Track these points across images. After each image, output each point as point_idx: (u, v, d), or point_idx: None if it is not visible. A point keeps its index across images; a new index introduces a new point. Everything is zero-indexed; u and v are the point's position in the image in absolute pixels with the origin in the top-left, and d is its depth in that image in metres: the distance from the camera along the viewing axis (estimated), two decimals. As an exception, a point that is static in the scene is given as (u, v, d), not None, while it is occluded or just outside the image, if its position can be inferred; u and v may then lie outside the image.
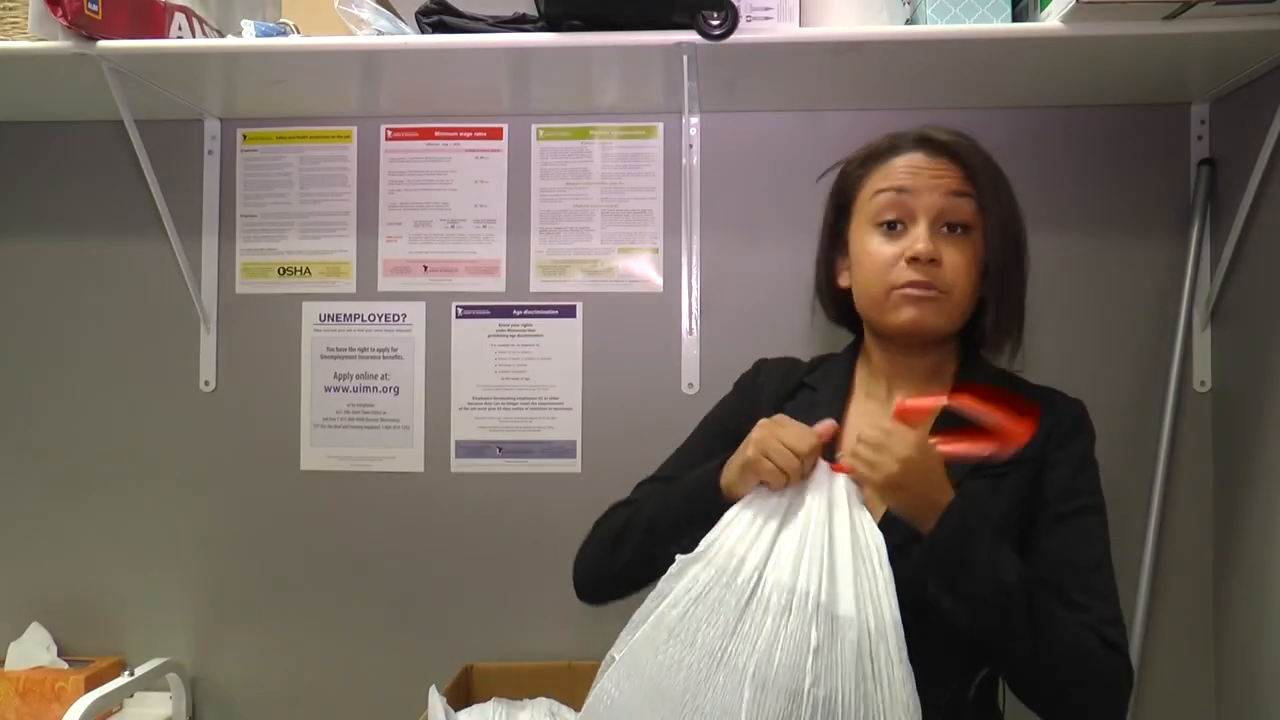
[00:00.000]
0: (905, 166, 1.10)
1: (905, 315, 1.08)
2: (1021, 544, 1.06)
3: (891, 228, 1.09)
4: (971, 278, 1.08)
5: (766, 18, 1.36)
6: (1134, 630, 1.55)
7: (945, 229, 1.08)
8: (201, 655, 1.74)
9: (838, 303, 1.21)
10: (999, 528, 1.03)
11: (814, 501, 0.98)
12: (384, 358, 1.75)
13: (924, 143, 1.10)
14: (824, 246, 1.20)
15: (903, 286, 1.07)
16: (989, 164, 1.11)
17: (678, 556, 0.99)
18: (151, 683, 1.65)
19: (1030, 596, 0.97)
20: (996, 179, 1.10)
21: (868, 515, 0.99)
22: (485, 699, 1.55)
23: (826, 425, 1.04)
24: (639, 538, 1.13)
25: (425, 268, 1.75)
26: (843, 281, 1.17)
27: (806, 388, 1.22)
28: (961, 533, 0.97)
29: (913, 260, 1.06)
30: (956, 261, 1.07)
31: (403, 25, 1.45)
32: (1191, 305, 1.59)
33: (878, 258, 1.09)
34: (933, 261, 1.06)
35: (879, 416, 1.12)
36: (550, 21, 1.37)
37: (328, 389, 1.75)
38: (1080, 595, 1.02)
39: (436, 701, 1.43)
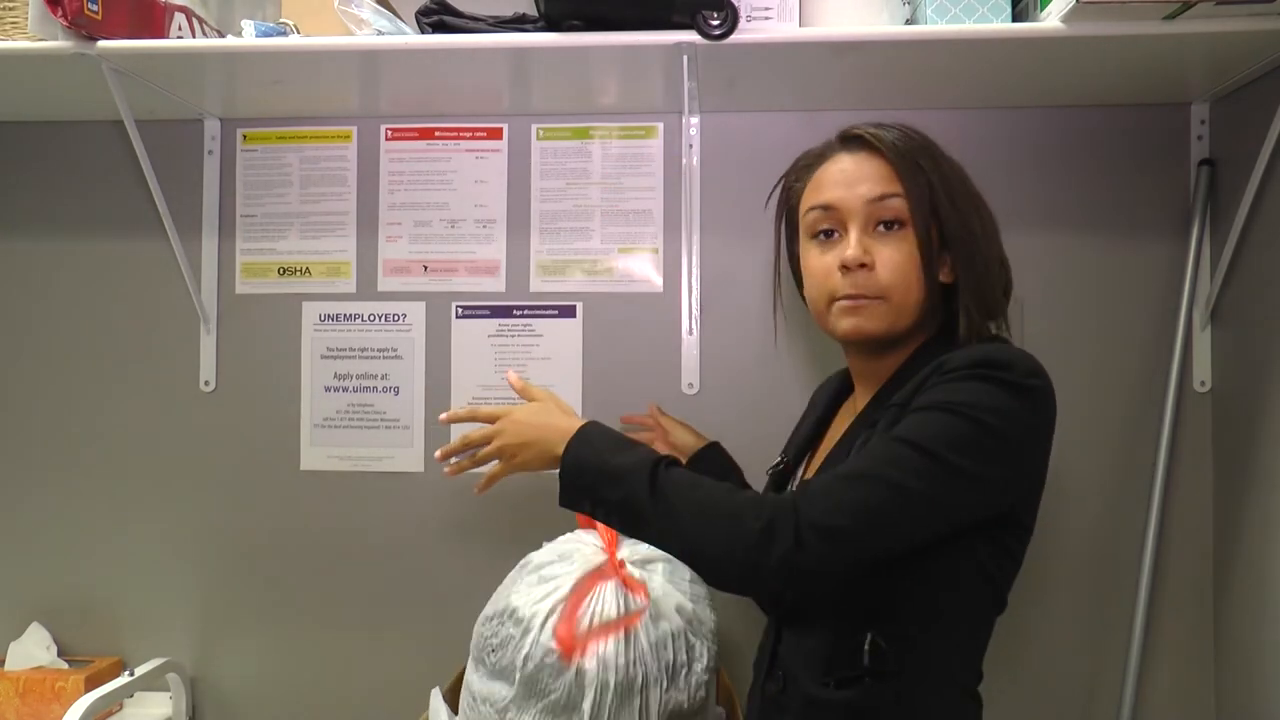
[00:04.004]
0: (832, 177, 1.11)
1: (845, 324, 1.09)
2: None
3: (828, 235, 1.11)
4: (911, 272, 1.07)
5: (766, 18, 1.36)
6: (1134, 630, 1.55)
7: (881, 227, 1.08)
8: (201, 655, 1.74)
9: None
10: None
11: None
12: (384, 358, 1.75)
13: (847, 142, 1.11)
14: (777, 262, 1.23)
15: (840, 297, 1.09)
16: (917, 149, 1.08)
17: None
18: (151, 683, 1.65)
19: (657, 499, 1.01)
20: (922, 165, 1.07)
21: None
22: (485, 699, 1.55)
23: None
24: None
25: (425, 268, 1.75)
26: (806, 291, 1.18)
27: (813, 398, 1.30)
28: (579, 452, 1.09)
29: (845, 269, 1.07)
30: (891, 259, 1.07)
31: (403, 25, 1.45)
32: (1191, 305, 1.59)
33: (816, 270, 1.12)
34: (865, 266, 1.07)
35: (848, 421, 1.16)
36: (550, 21, 1.37)
37: (328, 389, 1.75)
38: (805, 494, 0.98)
39: (437, 702, 1.43)
